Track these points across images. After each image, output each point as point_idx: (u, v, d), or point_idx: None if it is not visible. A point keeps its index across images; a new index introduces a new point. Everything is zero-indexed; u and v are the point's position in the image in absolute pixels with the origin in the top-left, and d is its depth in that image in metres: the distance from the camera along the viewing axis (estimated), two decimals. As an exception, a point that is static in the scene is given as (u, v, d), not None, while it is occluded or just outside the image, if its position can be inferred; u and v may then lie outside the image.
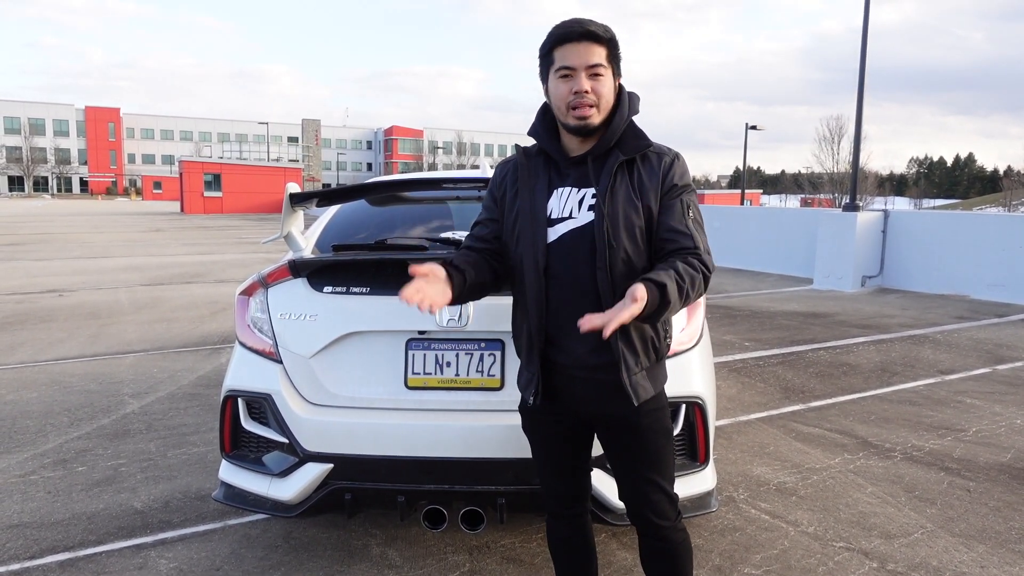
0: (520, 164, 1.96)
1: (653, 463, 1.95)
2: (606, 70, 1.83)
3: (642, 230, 1.83)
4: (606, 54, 1.83)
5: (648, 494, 1.96)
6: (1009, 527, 3.21)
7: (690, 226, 1.83)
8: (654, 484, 1.95)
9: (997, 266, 9.92)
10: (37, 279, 11.38)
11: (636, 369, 1.85)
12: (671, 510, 1.98)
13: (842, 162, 56.30)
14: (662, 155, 1.89)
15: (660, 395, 1.95)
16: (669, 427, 1.99)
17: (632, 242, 1.82)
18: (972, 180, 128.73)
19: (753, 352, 6.63)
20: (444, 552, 2.94)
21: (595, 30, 1.80)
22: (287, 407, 2.51)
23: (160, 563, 2.87)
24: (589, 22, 1.82)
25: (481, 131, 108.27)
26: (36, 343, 6.81)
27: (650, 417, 1.92)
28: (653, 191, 1.84)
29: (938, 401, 5.12)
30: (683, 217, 1.84)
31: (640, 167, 1.87)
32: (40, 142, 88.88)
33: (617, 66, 1.88)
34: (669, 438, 1.99)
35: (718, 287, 11.16)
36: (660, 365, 1.95)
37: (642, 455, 1.94)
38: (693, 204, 1.87)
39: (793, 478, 3.74)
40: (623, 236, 1.81)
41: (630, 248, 1.82)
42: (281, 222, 2.82)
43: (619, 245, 1.80)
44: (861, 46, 11.59)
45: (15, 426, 4.47)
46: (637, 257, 1.83)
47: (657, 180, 1.85)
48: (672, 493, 1.99)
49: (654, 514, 1.96)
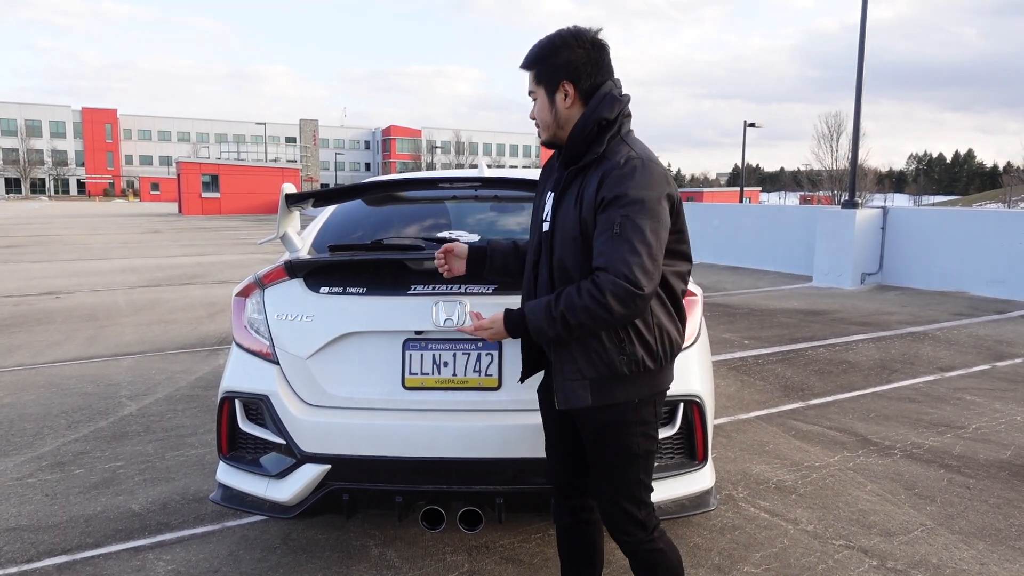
0: (549, 164, 2.11)
1: (608, 479, 1.92)
2: (536, 91, 1.94)
3: (576, 240, 1.84)
4: (532, 77, 1.93)
5: (606, 508, 1.96)
6: (1009, 524, 3.20)
7: (607, 243, 1.73)
8: (610, 499, 1.93)
9: (997, 263, 9.91)
10: (34, 281, 11.36)
11: (572, 376, 1.84)
12: (634, 528, 1.93)
13: (841, 159, 56.34)
14: (605, 163, 1.82)
15: (620, 410, 1.86)
16: (633, 447, 1.89)
17: (567, 250, 1.86)
18: (972, 176, 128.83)
19: (752, 350, 6.62)
20: (443, 552, 2.94)
21: (525, 58, 1.93)
22: (284, 408, 2.50)
23: (158, 565, 2.86)
24: (527, 52, 1.93)
25: (479, 130, 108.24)
26: (33, 345, 6.80)
27: (606, 430, 1.88)
28: (590, 203, 1.81)
29: (938, 398, 5.12)
30: (605, 231, 1.75)
31: (591, 176, 1.84)
32: (37, 144, 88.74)
33: (551, 82, 1.89)
34: (630, 459, 1.89)
35: (716, 285, 11.16)
36: (618, 381, 1.84)
37: (597, 468, 1.93)
38: (625, 217, 1.73)
39: (792, 476, 3.73)
40: (559, 244, 1.88)
41: (566, 257, 1.86)
42: (277, 223, 2.81)
43: (558, 252, 1.88)
44: (859, 42, 11.59)
45: (12, 429, 4.45)
46: (574, 266, 1.85)
47: (594, 190, 1.80)
48: (635, 513, 1.92)
49: (615, 530, 1.95)
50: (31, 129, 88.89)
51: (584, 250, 1.82)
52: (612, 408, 1.86)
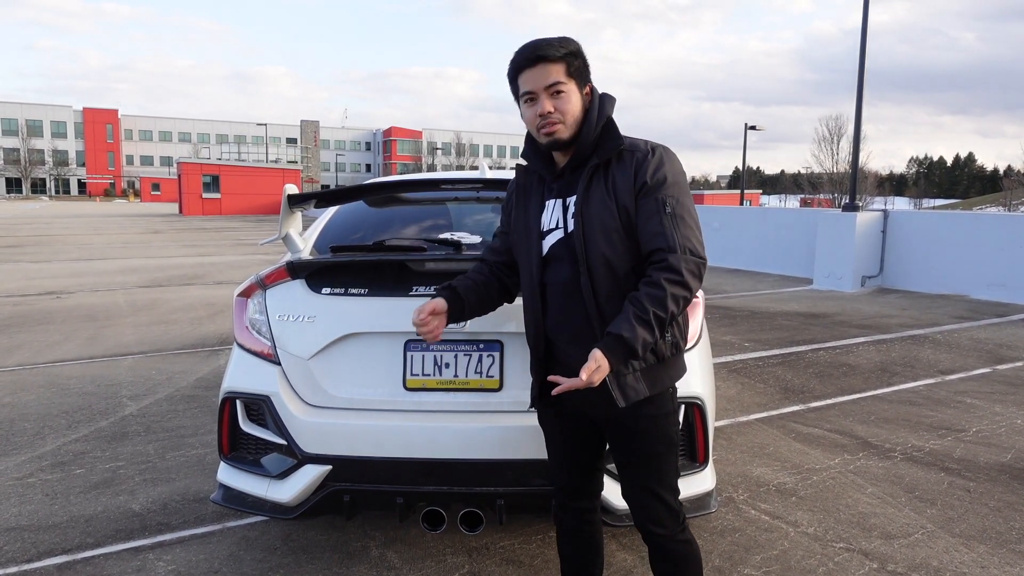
0: (518, 183, 2.06)
1: (650, 470, 1.94)
2: (567, 85, 1.86)
3: (619, 231, 1.84)
4: (564, 70, 1.85)
5: (644, 501, 1.96)
6: (1010, 527, 3.20)
7: (664, 223, 1.80)
8: (650, 492, 1.94)
9: (997, 266, 9.91)
10: (35, 281, 11.36)
11: (626, 370, 1.83)
12: (669, 520, 1.95)
13: (841, 162, 56.34)
14: (635, 152, 1.86)
15: (661, 400, 1.92)
16: (672, 434, 1.95)
17: (609, 245, 1.85)
18: (972, 180, 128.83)
19: (753, 352, 6.62)
20: (443, 554, 2.94)
21: (547, 52, 1.84)
22: (285, 409, 2.50)
23: (158, 566, 2.86)
24: (542, 44, 1.84)
25: (480, 132, 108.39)
26: (34, 345, 6.80)
27: (648, 422, 1.91)
28: (627, 191, 1.84)
29: (938, 401, 5.11)
30: (656, 214, 1.81)
31: (615, 168, 1.87)
32: (38, 144, 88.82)
33: (581, 77, 1.89)
34: (671, 446, 1.95)
35: (717, 288, 11.16)
36: (664, 366, 1.90)
37: (639, 461, 1.93)
38: (671, 198, 1.82)
39: (793, 479, 3.73)
40: (600, 240, 1.85)
41: (607, 251, 1.85)
42: (279, 223, 2.81)
43: (596, 248, 1.85)
44: (860, 45, 11.60)
45: (13, 429, 4.45)
46: (616, 259, 1.85)
47: (630, 179, 1.84)
48: (672, 503, 1.96)
49: (650, 522, 1.96)
50: (32, 129, 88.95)
51: (626, 241, 1.85)
52: (658, 397, 1.90)
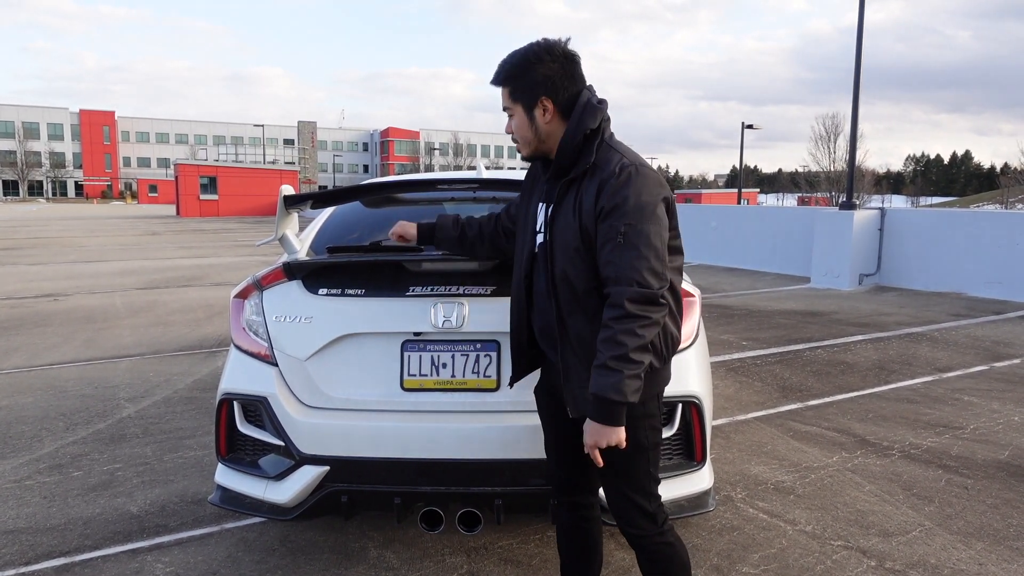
0: (532, 173, 2.12)
1: (619, 474, 1.93)
2: (513, 107, 1.93)
3: (579, 250, 1.84)
4: (508, 94, 1.92)
5: (617, 503, 1.96)
6: (1007, 524, 3.21)
7: (614, 253, 1.75)
8: (621, 494, 1.95)
9: (994, 263, 9.93)
10: (32, 283, 11.35)
11: (582, 385, 1.83)
12: (644, 522, 1.95)
13: (838, 160, 56.42)
14: (602, 172, 1.82)
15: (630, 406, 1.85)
16: (642, 440, 1.91)
17: (569, 262, 1.86)
18: (969, 177, 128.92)
19: (750, 351, 6.63)
20: (442, 554, 2.94)
21: (496, 76, 1.91)
22: (283, 410, 2.50)
23: (156, 567, 2.86)
24: (498, 68, 1.91)
25: (477, 132, 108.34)
26: (31, 348, 6.79)
27: None
28: (590, 212, 1.82)
29: (936, 399, 5.12)
30: (609, 241, 1.77)
31: (586, 184, 1.85)
32: (35, 146, 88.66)
33: (528, 96, 1.88)
34: (640, 451, 1.91)
35: (715, 286, 11.17)
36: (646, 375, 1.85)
37: (608, 464, 1.90)
38: (627, 224, 1.75)
39: (791, 477, 3.74)
40: (560, 256, 1.88)
41: (568, 268, 1.86)
42: (275, 224, 2.81)
43: (560, 264, 1.88)
44: (856, 43, 11.61)
45: (10, 431, 4.45)
46: (576, 276, 1.85)
47: (592, 200, 1.81)
48: (646, 506, 1.94)
49: (626, 524, 1.97)
50: (29, 131, 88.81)
51: (587, 259, 1.84)
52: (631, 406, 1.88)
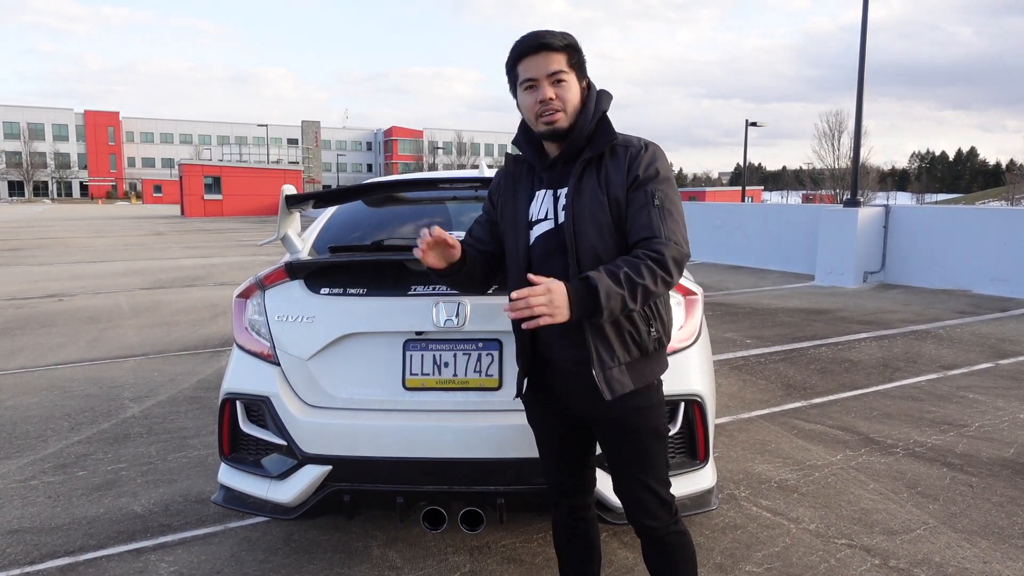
0: (507, 171, 2.07)
1: (640, 463, 1.94)
2: (568, 75, 1.89)
3: (609, 225, 1.87)
4: (566, 60, 1.89)
5: (636, 494, 1.96)
6: (1012, 522, 3.19)
7: (653, 215, 1.82)
8: (642, 484, 1.95)
9: (999, 261, 9.89)
10: (37, 284, 11.39)
11: (611, 364, 1.85)
12: (662, 512, 1.96)
13: (843, 157, 56.22)
14: (628, 147, 1.90)
15: (648, 392, 1.93)
16: (660, 427, 1.96)
17: (599, 237, 1.87)
18: (974, 174, 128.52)
19: (754, 349, 6.62)
20: (444, 553, 2.94)
21: (550, 41, 1.88)
22: (285, 409, 2.50)
23: (160, 567, 2.87)
24: (545, 34, 1.88)
25: (481, 131, 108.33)
26: (36, 348, 6.81)
27: (637, 415, 1.92)
28: (620, 185, 1.86)
29: (940, 396, 5.11)
30: (645, 207, 1.83)
31: (608, 162, 1.90)
32: (40, 147, 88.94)
33: (580, 70, 1.92)
34: (660, 438, 1.96)
35: (719, 284, 11.15)
36: (647, 360, 1.91)
37: (629, 454, 1.93)
38: (660, 191, 1.84)
39: (795, 475, 3.73)
40: (590, 232, 1.87)
41: (597, 244, 1.87)
42: (277, 224, 2.81)
43: (586, 241, 1.87)
44: (860, 40, 11.57)
45: (15, 431, 4.46)
46: (605, 252, 1.86)
47: (623, 173, 1.87)
48: (664, 495, 1.97)
49: (643, 515, 1.97)
50: (34, 132, 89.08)
51: (616, 234, 1.87)
52: (644, 390, 1.92)
